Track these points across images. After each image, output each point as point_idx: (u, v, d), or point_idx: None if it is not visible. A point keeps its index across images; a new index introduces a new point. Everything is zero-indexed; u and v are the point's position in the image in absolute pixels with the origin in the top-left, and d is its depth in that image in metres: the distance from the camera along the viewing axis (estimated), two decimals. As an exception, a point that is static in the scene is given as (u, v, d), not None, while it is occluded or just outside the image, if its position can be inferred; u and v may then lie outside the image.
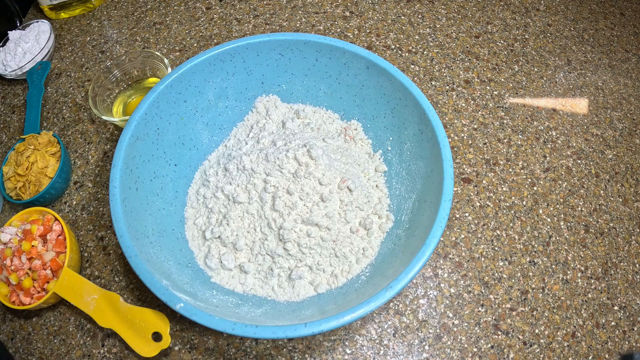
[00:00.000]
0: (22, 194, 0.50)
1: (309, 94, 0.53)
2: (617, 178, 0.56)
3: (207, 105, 0.51)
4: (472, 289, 0.47)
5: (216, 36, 0.67)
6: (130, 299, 0.46)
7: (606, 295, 0.48)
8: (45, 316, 0.46)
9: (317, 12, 0.69)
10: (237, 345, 0.44)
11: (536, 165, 0.56)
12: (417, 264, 0.35)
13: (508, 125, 0.59)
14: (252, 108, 0.53)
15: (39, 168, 0.51)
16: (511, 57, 0.66)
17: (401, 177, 0.47)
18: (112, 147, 0.56)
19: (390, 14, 0.70)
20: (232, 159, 0.47)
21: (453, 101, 0.60)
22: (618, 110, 0.62)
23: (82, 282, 0.43)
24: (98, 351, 0.44)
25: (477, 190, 0.53)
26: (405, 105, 0.46)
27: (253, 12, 0.70)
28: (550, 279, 0.48)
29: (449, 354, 0.44)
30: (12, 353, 0.45)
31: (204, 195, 0.47)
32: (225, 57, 0.49)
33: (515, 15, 0.71)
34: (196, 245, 0.45)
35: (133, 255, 0.37)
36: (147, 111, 0.45)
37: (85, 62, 0.65)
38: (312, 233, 0.42)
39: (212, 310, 0.36)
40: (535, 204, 0.53)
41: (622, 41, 0.70)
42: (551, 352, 0.44)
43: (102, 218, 0.51)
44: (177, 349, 0.44)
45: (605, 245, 0.51)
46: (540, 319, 0.46)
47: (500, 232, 0.51)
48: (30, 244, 0.44)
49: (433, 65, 0.64)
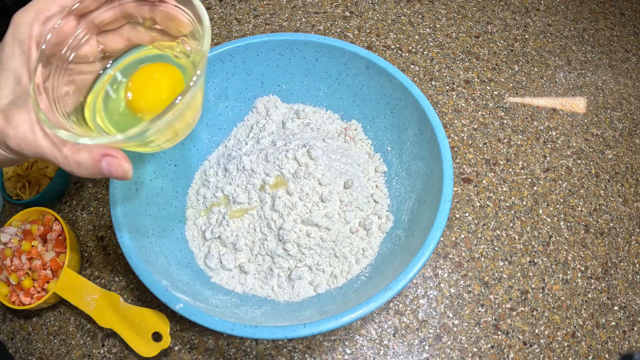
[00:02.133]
0: (22, 194, 0.50)
1: (309, 94, 0.53)
2: (617, 178, 0.56)
3: (207, 106, 0.51)
4: (472, 289, 0.47)
5: (216, 36, 0.67)
6: (130, 299, 0.46)
7: (606, 295, 0.48)
8: (45, 316, 0.46)
9: (317, 12, 0.69)
10: (237, 345, 0.44)
11: (536, 165, 0.56)
12: (416, 264, 0.35)
13: (508, 125, 0.59)
14: (252, 108, 0.53)
15: (39, 168, 0.51)
16: (511, 57, 0.66)
17: (401, 178, 0.47)
18: (112, 147, 0.56)
19: (390, 14, 0.70)
20: (232, 159, 0.47)
21: (453, 101, 0.60)
22: (618, 110, 0.62)
23: (82, 282, 0.43)
24: (98, 351, 0.44)
25: (477, 190, 0.53)
26: (405, 106, 0.46)
27: (253, 12, 0.70)
28: (550, 279, 0.48)
29: (449, 354, 0.44)
30: (12, 353, 0.45)
31: (204, 195, 0.47)
32: (225, 57, 0.49)
33: (515, 15, 0.71)
34: (196, 245, 0.46)
35: (133, 256, 0.37)
36: (147, 111, 0.45)
37: (85, 62, 0.65)
38: (312, 233, 0.42)
39: (211, 311, 0.36)
40: (535, 204, 0.53)
41: (622, 41, 0.70)
42: (551, 352, 0.44)
43: (102, 218, 0.51)
44: (177, 349, 0.44)
45: (605, 245, 0.51)
46: (540, 319, 0.46)
47: (500, 232, 0.51)
48: (30, 244, 0.44)
49: (433, 65, 0.64)
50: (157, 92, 0.29)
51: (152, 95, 0.29)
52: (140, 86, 0.29)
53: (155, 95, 0.29)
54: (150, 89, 0.29)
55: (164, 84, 0.29)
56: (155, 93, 0.29)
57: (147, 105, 0.29)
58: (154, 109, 0.29)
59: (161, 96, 0.29)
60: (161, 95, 0.29)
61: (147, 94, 0.29)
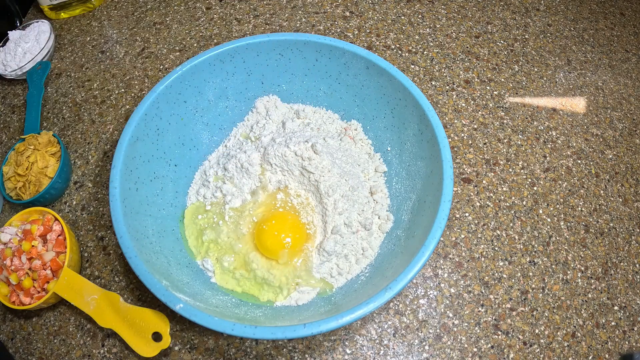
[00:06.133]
0: (22, 194, 0.50)
1: (309, 94, 0.53)
2: (617, 178, 0.56)
3: (207, 106, 0.51)
4: (472, 289, 0.47)
5: (216, 36, 0.67)
6: (130, 299, 0.46)
7: (606, 295, 0.48)
8: (45, 316, 0.46)
9: (317, 12, 0.69)
10: (237, 345, 0.44)
11: (536, 165, 0.56)
12: (416, 264, 0.35)
13: (508, 125, 0.59)
14: (252, 108, 0.53)
15: (39, 168, 0.51)
16: (511, 57, 0.66)
17: (401, 178, 0.47)
18: (112, 147, 0.56)
19: (390, 14, 0.70)
20: (231, 159, 0.47)
21: (453, 101, 0.60)
22: (618, 110, 0.62)
23: (82, 282, 0.43)
24: (98, 351, 0.44)
25: (477, 190, 0.53)
26: (405, 106, 0.46)
27: (253, 12, 0.70)
28: (550, 279, 0.48)
29: (449, 354, 0.44)
30: (12, 353, 0.45)
31: (204, 195, 0.47)
32: (225, 57, 0.49)
33: (515, 15, 0.71)
34: (195, 245, 0.45)
35: (133, 256, 0.37)
36: (147, 112, 0.45)
37: (85, 62, 0.65)
38: (312, 233, 0.42)
39: (211, 311, 0.36)
40: (535, 204, 0.53)
41: (622, 41, 0.70)
42: (551, 352, 0.44)
43: (102, 218, 0.51)
44: (177, 349, 0.44)
45: (605, 245, 0.51)
46: (540, 319, 0.46)
47: (500, 232, 0.51)
48: (30, 244, 0.44)
49: (433, 65, 0.64)
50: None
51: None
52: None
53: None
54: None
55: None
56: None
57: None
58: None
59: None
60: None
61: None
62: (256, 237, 0.43)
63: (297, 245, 0.42)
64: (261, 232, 0.42)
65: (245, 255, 0.43)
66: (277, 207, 0.44)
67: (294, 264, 0.42)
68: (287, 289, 0.41)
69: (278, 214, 0.43)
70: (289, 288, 0.41)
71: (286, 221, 0.43)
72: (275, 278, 0.41)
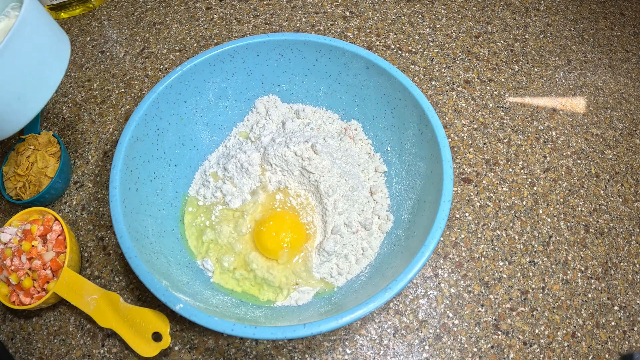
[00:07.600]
0: (22, 194, 0.50)
1: (308, 94, 0.53)
2: (617, 178, 0.56)
3: (207, 106, 0.51)
4: (472, 289, 0.47)
5: (216, 36, 0.67)
6: (130, 299, 0.46)
7: (606, 295, 0.48)
8: (45, 316, 0.46)
9: (317, 12, 0.69)
10: (237, 345, 0.44)
11: (536, 165, 0.56)
12: (416, 264, 0.35)
13: (508, 125, 0.59)
14: (252, 108, 0.53)
15: (39, 168, 0.51)
16: (511, 57, 0.66)
17: (401, 178, 0.47)
18: (112, 147, 0.56)
19: (390, 14, 0.70)
20: (231, 159, 0.47)
21: (453, 101, 0.60)
22: (618, 110, 0.62)
23: (82, 282, 0.43)
24: (98, 351, 0.44)
25: (477, 190, 0.53)
26: (405, 106, 0.46)
27: (253, 12, 0.70)
28: (550, 279, 0.48)
29: (449, 354, 0.44)
30: (12, 353, 0.45)
31: (204, 195, 0.47)
32: (225, 57, 0.49)
33: (515, 15, 0.71)
34: (195, 245, 0.45)
35: (133, 256, 0.37)
36: (146, 112, 0.45)
37: (85, 62, 0.65)
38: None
39: (211, 311, 0.36)
40: (535, 204, 0.53)
41: (622, 41, 0.70)
42: (551, 352, 0.44)
43: (102, 218, 0.51)
44: (177, 349, 0.44)
45: (605, 245, 0.51)
46: (540, 319, 0.46)
47: (500, 232, 0.51)
48: (30, 244, 0.44)
49: (433, 65, 0.64)
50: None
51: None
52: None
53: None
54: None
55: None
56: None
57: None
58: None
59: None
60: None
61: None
62: (256, 237, 0.43)
63: (296, 245, 0.42)
64: (261, 233, 0.42)
65: (245, 255, 0.43)
66: (277, 207, 0.44)
67: (294, 264, 0.42)
68: (287, 289, 0.41)
69: (277, 214, 0.43)
70: (288, 288, 0.41)
71: (285, 221, 0.43)
72: (275, 278, 0.41)
